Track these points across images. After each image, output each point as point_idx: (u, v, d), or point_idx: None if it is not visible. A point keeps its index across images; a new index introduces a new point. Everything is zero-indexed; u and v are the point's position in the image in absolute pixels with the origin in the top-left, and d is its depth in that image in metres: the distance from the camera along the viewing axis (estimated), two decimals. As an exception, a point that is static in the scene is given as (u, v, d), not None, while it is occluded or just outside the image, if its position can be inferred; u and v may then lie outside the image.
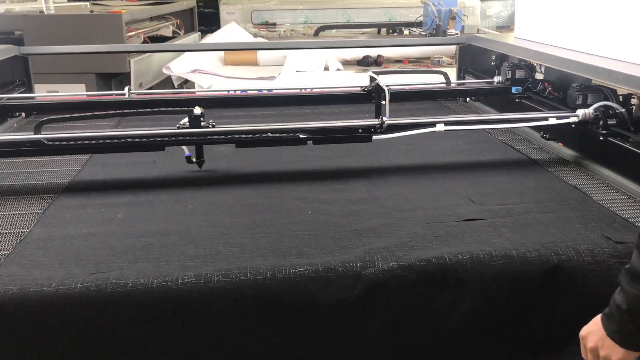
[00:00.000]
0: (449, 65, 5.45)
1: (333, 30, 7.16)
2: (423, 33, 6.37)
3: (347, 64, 5.63)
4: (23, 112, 3.15)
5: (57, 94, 3.68)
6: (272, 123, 2.36)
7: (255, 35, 6.60)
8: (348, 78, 5.01)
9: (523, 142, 2.68)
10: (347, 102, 3.25)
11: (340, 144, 2.46)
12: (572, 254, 1.63)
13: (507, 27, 7.58)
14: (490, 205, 1.96)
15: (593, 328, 1.31)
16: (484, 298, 1.62)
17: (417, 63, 5.79)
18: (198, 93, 4.27)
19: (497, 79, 3.13)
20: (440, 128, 2.31)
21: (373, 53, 5.63)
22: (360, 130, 2.34)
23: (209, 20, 7.74)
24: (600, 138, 2.25)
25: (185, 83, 5.58)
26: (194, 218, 1.91)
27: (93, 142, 2.23)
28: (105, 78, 4.90)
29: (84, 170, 2.35)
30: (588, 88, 2.45)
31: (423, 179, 2.25)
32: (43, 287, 1.48)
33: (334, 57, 5.46)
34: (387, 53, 5.72)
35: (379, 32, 7.08)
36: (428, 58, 5.80)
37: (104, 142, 2.24)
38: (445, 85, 3.26)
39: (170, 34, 6.26)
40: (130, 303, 1.49)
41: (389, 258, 1.60)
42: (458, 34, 5.93)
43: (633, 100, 2.23)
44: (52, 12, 5.20)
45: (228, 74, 5.20)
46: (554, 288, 1.62)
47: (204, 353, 1.55)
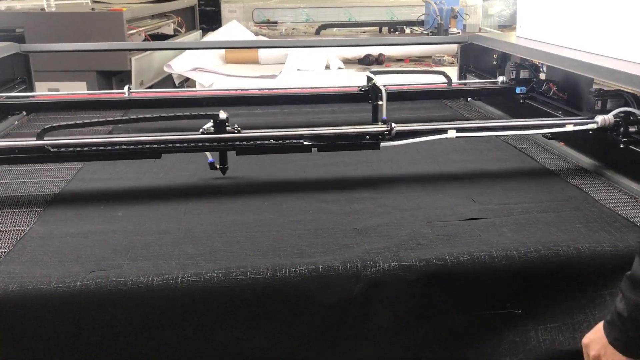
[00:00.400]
0: (450, 65, 5.44)
1: (334, 29, 7.16)
2: (424, 32, 6.38)
3: (348, 63, 5.63)
4: (24, 110, 3.14)
5: (57, 92, 3.68)
6: (274, 129, 2.23)
7: (257, 34, 6.61)
8: (349, 77, 5.01)
9: (524, 141, 2.67)
10: (343, 101, 3.20)
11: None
12: (573, 254, 1.62)
13: (509, 26, 7.57)
14: (492, 205, 1.96)
15: (595, 336, 1.29)
16: (485, 298, 1.61)
17: (418, 62, 5.80)
18: (199, 92, 4.26)
19: (501, 79, 3.09)
20: (452, 135, 2.21)
21: (374, 52, 5.64)
22: (368, 137, 2.22)
23: (210, 19, 7.74)
24: (621, 146, 2.13)
25: (186, 81, 5.58)
26: (194, 216, 1.91)
27: (109, 148, 2.07)
28: (106, 76, 4.90)
29: (85, 168, 2.34)
30: (607, 93, 2.33)
31: (424, 178, 2.25)
32: (43, 285, 1.48)
33: (335, 55, 5.46)
34: (388, 52, 5.72)
35: (381, 30, 7.08)
36: (429, 57, 5.80)
37: (121, 147, 2.07)
38: (447, 85, 3.23)
39: (172, 32, 6.26)
40: (130, 301, 1.48)
41: (390, 257, 1.60)
42: (460, 33, 5.93)
43: None
44: (53, 9, 5.19)
45: (229, 72, 5.21)
46: (555, 288, 1.62)
47: (204, 351, 1.54)
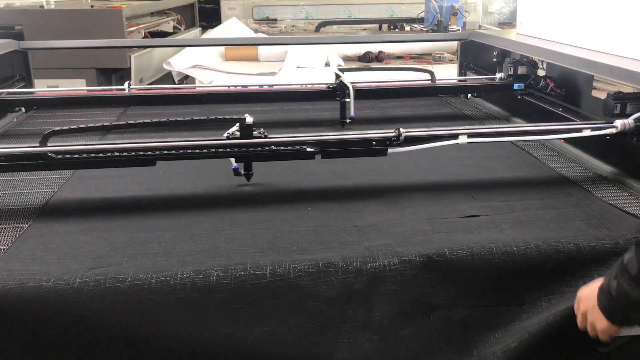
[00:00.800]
0: (450, 62, 5.45)
1: (334, 26, 7.16)
2: (424, 29, 6.38)
3: (348, 60, 5.63)
4: (23, 107, 3.15)
5: (57, 89, 3.67)
6: (277, 135, 2.06)
7: (256, 31, 6.60)
8: (349, 74, 5.00)
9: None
10: (311, 99, 3.17)
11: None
12: (573, 251, 1.62)
13: (509, 23, 7.56)
14: (492, 202, 1.96)
15: (590, 294, 1.42)
16: (485, 294, 1.61)
17: (418, 59, 5.79)
18: (198, 89, 4.26)
19: (499, 76, 3.10)
20: (463, 140, 2.09)
21: (374, 49, 5.63)
22: (375, 143, 2.08)
23: (210, 16, 7.73)
24: None
25: (186, 79, 5.57)
26: (194, 213, 1.90)
27: (125, 154, 1.94)
28: (106, 73, 4.89)
29: None
30: (627, 96, 2.21)
31: (424, 175, 2.25)
32: (42, 282, 1.48)
33: (335, 53, 5.45)
34: (388, 49, 5.72)
35: (380, 28, 7.08)
36: (429, 54, 5.79)
37: (139, 154, 1.96)
38: (430, 82, 3.19)
39: (171, 30, 6.25)
40: (129, 298, 1.48)
41: (390, 254, 1.59)
42: (459, 31, 5.93)
43: None
44: (52, 6, 5.18)
45: (229, 70, 5.20)
46: (555, 284, 1.62)
47: (204, 348, 1.54)
